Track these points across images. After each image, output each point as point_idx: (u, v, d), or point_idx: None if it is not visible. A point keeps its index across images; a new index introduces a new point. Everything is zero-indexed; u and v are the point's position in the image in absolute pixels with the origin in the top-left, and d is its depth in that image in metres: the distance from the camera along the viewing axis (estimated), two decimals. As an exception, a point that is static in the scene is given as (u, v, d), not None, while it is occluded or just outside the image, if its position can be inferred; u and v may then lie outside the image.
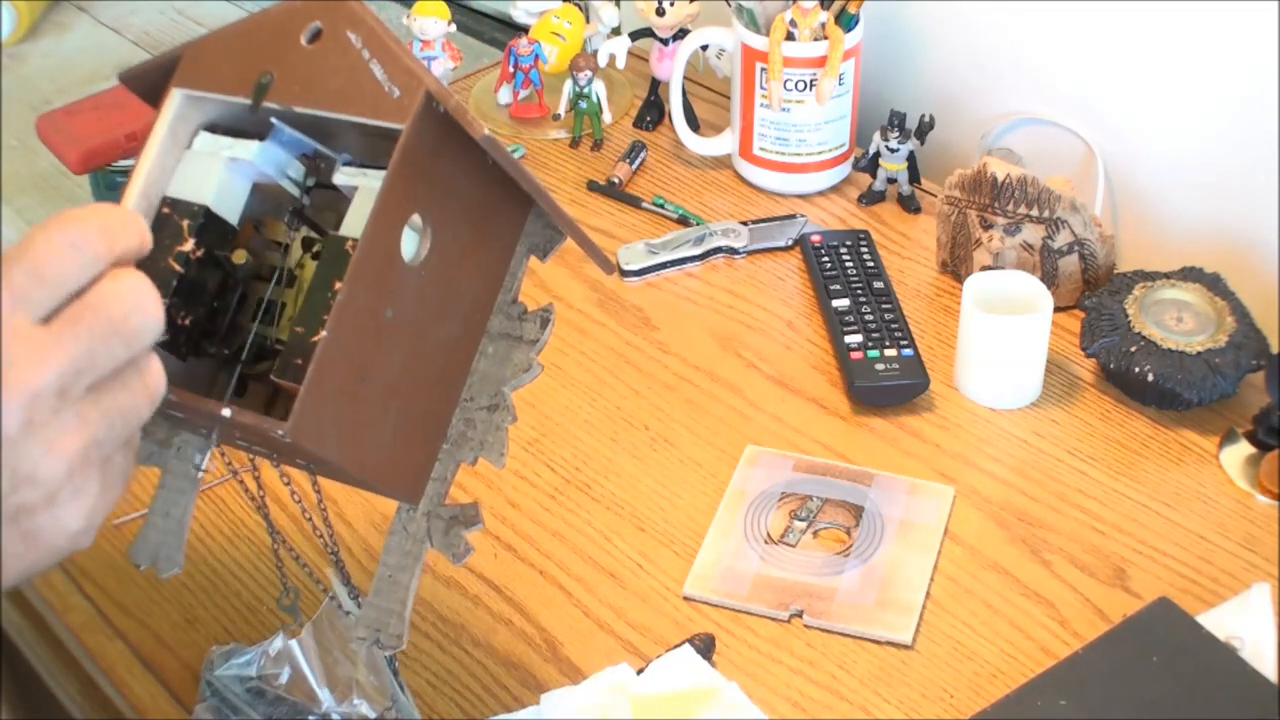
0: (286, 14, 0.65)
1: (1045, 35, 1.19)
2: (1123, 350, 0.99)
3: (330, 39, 0.63)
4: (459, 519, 0.69)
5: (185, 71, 0.66)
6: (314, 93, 0.63)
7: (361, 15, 0.63)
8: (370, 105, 0.62)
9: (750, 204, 1.25)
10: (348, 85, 0.62)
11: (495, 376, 0.70)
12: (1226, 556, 0.90)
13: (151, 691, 0.84)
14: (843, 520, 0.92)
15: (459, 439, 0.69)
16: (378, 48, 0.63)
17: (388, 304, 0.63)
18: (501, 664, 0.85)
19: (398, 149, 0.61)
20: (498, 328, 0.70)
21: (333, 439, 0.62)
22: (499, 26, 1.70)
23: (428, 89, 0.61)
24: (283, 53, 0.64)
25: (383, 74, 0.62)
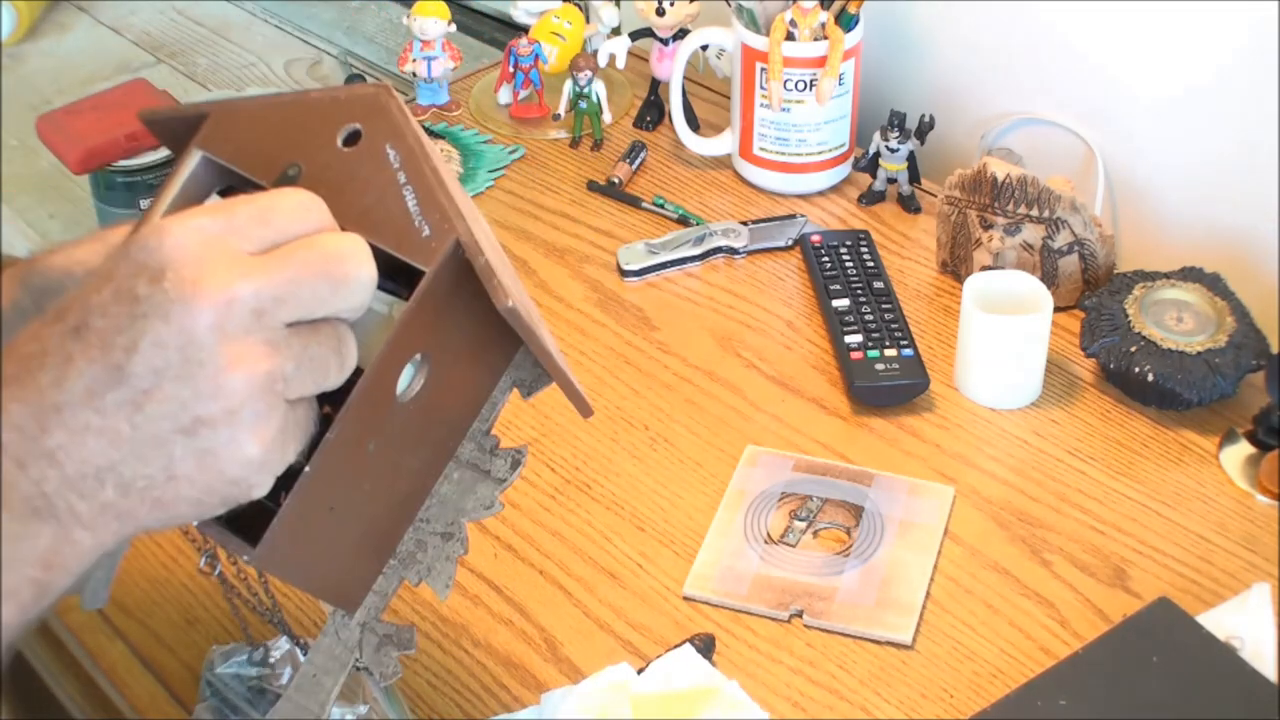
0: (328, 105, 0.62)
1: (1045, 35, 1.19)
2: (1123, 350, 0.99)
3: (367, 148, 0.60)
4: (393, 639, 0.67)
5: (210, 133, 0.63)
6: (339, 203, 0.59)
7: (404, 131, 0.60)
8: (395, 236, 0.59)
9: (750, 204, 1.25)
10: (376, 206, 0.59)
11: (455, 505, 0.68)
12: (1226, 556, 0.90)
13: (151, 691, 0.84)
14: (843, 520, 0.92)
15: (407, 558, 0.67)
16: (414, 173, 0.59)
17: (372, 439, 0.60)
18: (501, 664, 0.85)
19: (416, 295, 0.58)
20: (467, 455, 0.68)
21: (294, 565, 0.61)
22: (499, 26, 1.70)
23: (458, 238, 0.58)
24: (315, 147, 0.61)
25: (415, 205, 0.59)
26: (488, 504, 0.68)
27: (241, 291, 0.51)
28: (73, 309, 0.52)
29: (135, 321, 0.51)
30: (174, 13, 1.91)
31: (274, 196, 0.55)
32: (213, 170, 0.63)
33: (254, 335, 0.52)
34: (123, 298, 0.51)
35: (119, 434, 0.51)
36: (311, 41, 1.81)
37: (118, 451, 0.51)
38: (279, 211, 0.54)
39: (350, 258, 0.55)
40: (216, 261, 0.52)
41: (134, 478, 0.52)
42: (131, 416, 0.51)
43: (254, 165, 0.62)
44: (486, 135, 1.35)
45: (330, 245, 0.54)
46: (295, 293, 0.53)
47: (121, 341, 0.51)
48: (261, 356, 0.52)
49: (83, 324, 0.51)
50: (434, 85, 1.36)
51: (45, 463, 0.51)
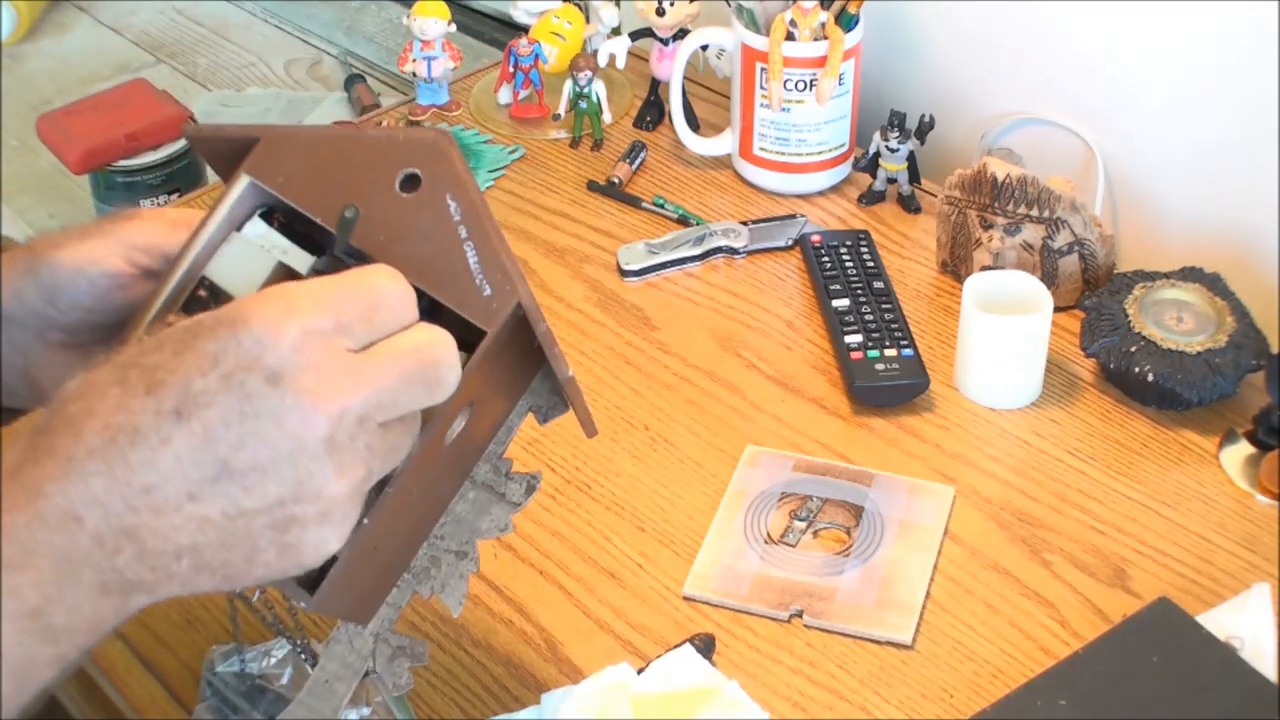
0: (386, 146, 0.61)
1: (1045, 35, 1.19)
2: (1123, 350, 0.99)
3: (427, 196, 0.60)
4: (406, 651, 0.68)
5: (259, 160, 0.62)
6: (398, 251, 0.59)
7: (465, 182, 0.60)
8: (456, 292, 0.59)
9: (750, 204, 1.25)
10: (436, 259, 0.59)
11: (470, 524, 0.68)
12: (1226, 556, 0.90)
13: (151, 691, 0.84)
14: (843, 520, 0.92)
15: (421, 573, 0.67)
16: (476, 229, 0.59)
17: (418, 486, 0.62)
18: (501, 664, 0.85)
19: (479, 355, 0.59)
20: (483, 476, 0.69)
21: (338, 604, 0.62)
22: (499, 26, 1.70)
23: (521, 300, 0.58)
24: (372, 190, 0.60)
25: (476, 263, 0.59)
26: (502, 525, 0.69)
27: (354, 403, 0.52)
28: (168, 385, 0.51)
29: (246, 419, 0.51)
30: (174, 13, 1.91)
31: (377, 289, 0.55)
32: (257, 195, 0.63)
33: (356, 441, 0.53)
34: (233, 391, 0.51)
35: (210, 521, 0.52)
36: (311, 41, 1.81)
37: (205, 536, 0.52)
38: (383, 308, 0.55)
39: (444, 362, 0.56)
40: (332, 370, 0.52)
41: (213, 559, 0.52)
42: (227, 508, 0.52)
43: (307, 199, 0.61)
44: (486, 135, 1.35)
45: (426, 347, 0.55)
46: (396, 398, 0.54)
47: (229, 436, 0.51)
48: (361, 463, 0.53)
49: (185, 409, 0.51)
50: (434, 85, 1.36)
51: (124, 539, 0.51)
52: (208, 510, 0.51)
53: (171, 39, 1.85)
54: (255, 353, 0.51)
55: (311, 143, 0.63)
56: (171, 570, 0.52)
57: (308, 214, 0.61)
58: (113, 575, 0.51)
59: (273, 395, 0.51)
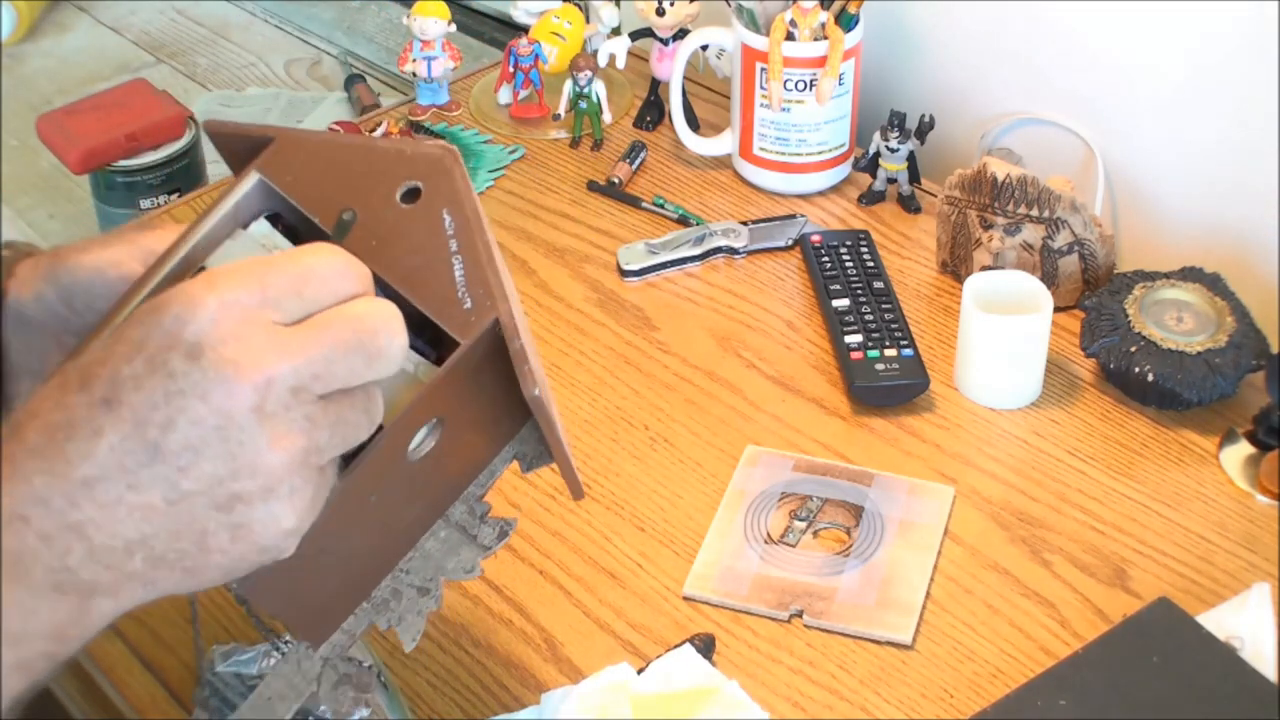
0: (393, 157, 0.62)
1: (1045, 35, 1.19)
2: (1123, 350, 0.99)
3: (424, 208, 0.60)
4: (351, 680, 0.68)
5: (271, 158, 0.63)
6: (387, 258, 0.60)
7: (463, 199, 0.60)
8: (436, 301, 0.59)
9: (750, 204, 1.25)
10: (422, 268, 0.59)
11: (437, 562, 0.68)
12: (1226, 556, 0.90)
13: (151, 691, 0.84)
14: (843, 520, 0.92)
15: (381, 604, 0.67)
16: (466, 244, 0.59)
17: (375, 490, 0.61)
18: (501, 664, 0.85)
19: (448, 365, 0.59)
20: (457, 516, 0.68)
21: (278, 599, 0.61)
22: (499, 26, 1.70)
23: (498, 317, 0.58)
24: (373, 198, 0.61)
25: (461, 275, 0.59)
26: (468, 568, 0.68)
27: (280, 370, 0.51)
28: (100, 377, 0.51)
29: (171, 399, 0.50)
30: (174, 13, 1.91)
31: (308, 262, 0.55)
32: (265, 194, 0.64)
33: (292, 412, 0.52)
34: (157, 371, 0.51)
35: (153, 509, 0.51)
36: (311, 41, 1.81)
37: (150, 526, 0.51)
38: (313, 280, 0.54)
39: (384, 329, 0.54)
40: (254, 339, 0.51)
41: (165, 551, 0.52)
42: (167, 493, 0.51)
43: (310, 200, 0.62)
44: (486, 135, 1.35)
45: (365, 317, 0.54)
46: (331, 368, 0.53)
47: (157, 418, 0.50)
48: (299, 433, 0.52)
49: (114, 396, 0.51)
50: (434, 85, 1.36)
51: (72, 536, 0.50)
52: (149, 497, 0.51)
53: (171, 39, 1.85)
54: (175, 330, 0.51)
55: (322, 147, 0.63)
56: (127, 568, 0.51)
57: (307, 213, 0.62)
58: (66, 575, 0.51)
59: (194, 370, 0.50)
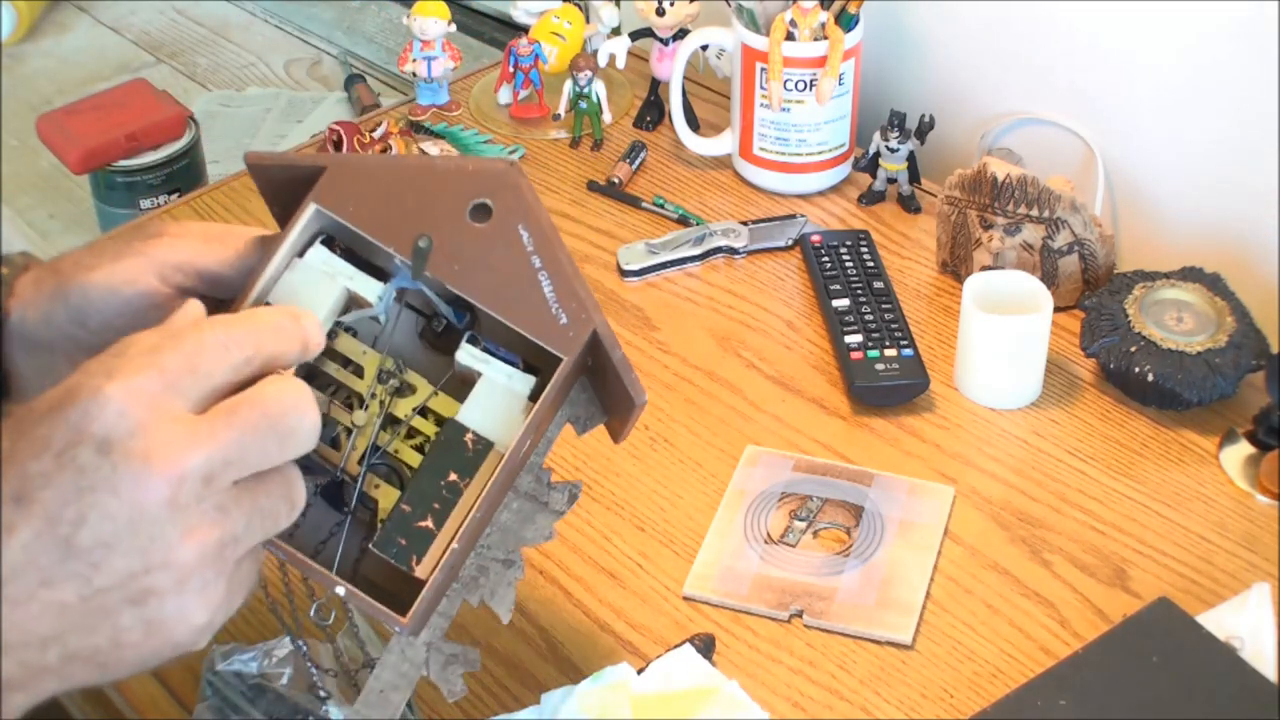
0: (456, 176, 0.62)
1: (1045, 35, 1.19)
2: (1123, 350, 0.99)
3: (499, 226, 0.61)
4: (459, 658, 0.68)
5: (328, 189, 0.63)
6: (473, 280, 0.60)
7: (537, 213, 0.61)
8: (531, 321, 0.60)
9: (750, 204, 1.25)
10: (510, 287, 0.60)
11: (515, 534, 0.69)
12: (1226, 556, 0.90)
13: (151, 691, 0.84)
14: (843, 520, 0.92)
15: (470, 582, 0.68)
16: (550, 259, 0.60)
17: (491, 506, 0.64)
18: (501, 664, 0.85)
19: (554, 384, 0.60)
20: (525, 486, 0.69)
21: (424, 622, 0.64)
22: (499, 26, 1.70)
23: (596, 330, 0.60)
24: (443, 219, 0.61)
25: (552, 293, 0.60)
26: (546, 534, 0.69)
27: (193, 460, 0.51)
28: (9, 474, 0.50)
29: (83, 494, 0.49)
30: (174, 13, 1.91)
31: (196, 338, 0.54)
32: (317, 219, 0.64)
33: (205, 503, 0.51)
34: (66, 468, 0.50)
35: (66, 606, 0.50)
36: (311, 41, 1.81)
37: (64, 622, 0.50)
38: (205, 355, 0.53)
39: (293, 409, 0.54)
40: (163, 429, 0.50)
41: (79, 647, 0.51)
42: (80, 589, 0.50)
43: (378, 228, 0.62)
44: (486, 135, 1.35)
45: (272, 400, 0.53)
46: (244, 453, 0.52)
47: (69, 514, 0.49)
48: (212, 525, 0.51)
49: (24, 494, 0.50)
50: (434, 85, 1.36)
51: None
52: (62, 595, 0.50)
53: (171, 39, 1.84)
54: (82, 425, 0.50)
55: (379, 171, 0.63)
56: (41, 663, 0.51)
57: (380, 244, 0.62)
58: None
59: (104, 465, 0.50)
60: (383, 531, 0.62)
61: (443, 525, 0.62)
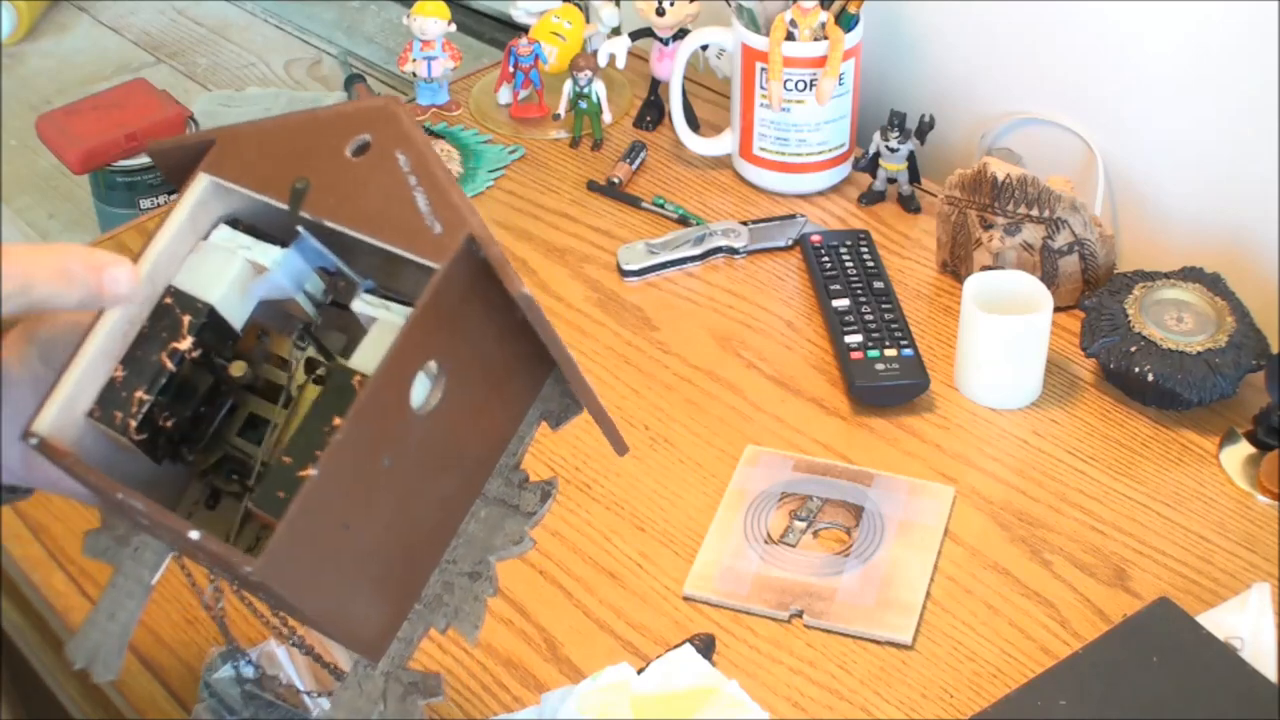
0: (336, 119, 0.61)
1: (1045, 35, 1.19)
2: (1123, 350, 0.99)
3: (377, 156, 0.59)
4: (418, 687, 0.64)
5: (216, 158, 0.62)
6: (350, 210, 0.59)
7: (413, 137, 0.59)
8: (407, 236, 0.58)
9: (750, 204, 1.25)
10: (387, 209, 0.58)
11: (483, 543, 0.65)
12: (1226, 556, 0.90)
13: (151, 691, 0.84)
14: (843, 520, 0.92)
15: (434, 601, 0.65)
16: (425, 175, 0.58)
17: (387, 451, 0.58)
18: (501, 664, 0.85)
19: (428, 290, 0.57)
20: (495, 492, 0.66)
21: (303, 584, 0.58)
22: (499, 26, 1.70)
23: (471, 231, 0.57)
24: (324, 160, 0.60)
25: (426, 205, 0.58)
26: (517, 539, 0.65)
27: None
28: None
29: None
30: (174, 13, 1.91)
31: None
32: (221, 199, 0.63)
33: None
34: None
35: None
36: (311, 41, 1.81)
37: None
38: None
39: None
40: None
41: None
42: None
43: (262, 183, 0.61)
44: (486, 135, 1.35)
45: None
46: None
47: None
48: None
49: None
50: (434, 85, 1.36)
51: None
52: None
53: (171, 39, 1.85)
54: None
55: (265, 132, 0.63)
56: None
57: (263, 197, 0.61)
58: None
59: None
60: (263, 487, 0.58)
61: None
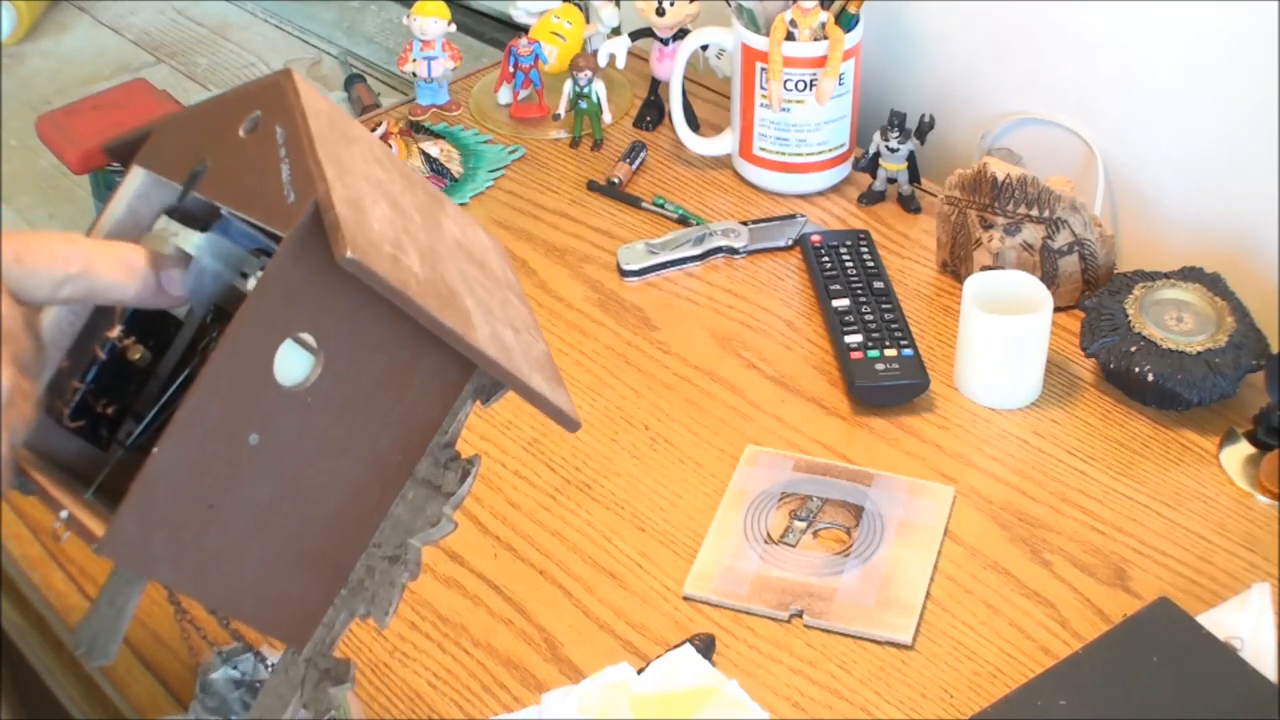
0: (236, 99, 0.61)
1: (1045, 35, 1.19)
2: (1123, 350, 0.99)
3: (262, 132, 0.59)
4: (330, 674, 0.63)
5: (149, 149, 0.62)
6: (230, 189, 0.58)
7: (291, 107, 0.58)
8: (266, 208, 0.56)
9: (750, 204, 1.25)
10: (257, 184, 0.57)
11: (405, 525, 0.64)
12: (1226, 556, 0.90)
13: (151, 691, 0.84)
14: (843, 520, 0.92)
15: (356, 586, 0.63)
16: (294, 146, 0.57)
17: (252, 429, 0.56)
18: (501, 664, 0.85)
19: (275, 259, 0.55)
20: (424, 472, 0.64)
21: (168, 565, 0.57)
22: (499, 26, 1.71)
23: (317, 197, 0.55)
24: (222, 141, 0.60)
25: (288, 175, 0.57)
26: (434, 520, 0.63)
27: None
28: None
29: None
30: (174, 13, 1.91)
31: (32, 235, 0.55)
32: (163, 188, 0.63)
33: None
34: None
35: None
36: (311, 41, 1.81)
37: None
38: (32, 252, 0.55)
39: None
40: None
41: None
42: None
43: (177, 170, 0.61)
44: (486, 135, 1.35)
45: None
46: None
47: None
48: None
49: None
50: (434, 85, 1.36)
51: None
52: None
53: (171, 39, 1.85)
54: None
55: (186, 119, 0.63)
56: None
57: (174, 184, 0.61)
58: None
59: None
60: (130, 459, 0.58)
61: None
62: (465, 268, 0.63)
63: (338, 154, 0.58)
